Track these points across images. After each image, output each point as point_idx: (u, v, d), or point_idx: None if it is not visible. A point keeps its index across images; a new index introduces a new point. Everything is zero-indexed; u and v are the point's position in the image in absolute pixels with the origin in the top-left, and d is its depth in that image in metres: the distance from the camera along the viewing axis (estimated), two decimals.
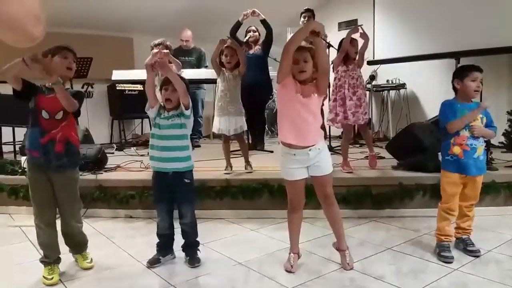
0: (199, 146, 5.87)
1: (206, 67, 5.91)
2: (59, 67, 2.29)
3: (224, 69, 3.80)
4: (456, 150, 2.53)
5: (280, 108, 2.46)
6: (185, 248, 2.60)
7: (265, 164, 4.16)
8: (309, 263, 2.52)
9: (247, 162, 3.91)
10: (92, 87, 5.96)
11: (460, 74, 2.60)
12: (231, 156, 3.99)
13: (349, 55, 3.96)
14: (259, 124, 5.51)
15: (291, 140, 2.34)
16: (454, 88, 2.64)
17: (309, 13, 5.29)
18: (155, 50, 4.09)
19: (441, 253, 2.52)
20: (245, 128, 3.89)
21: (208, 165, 3.94)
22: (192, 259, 2.54)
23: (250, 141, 5.39)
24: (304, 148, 2.32)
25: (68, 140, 2.34)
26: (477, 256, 2.54)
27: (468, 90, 2.55)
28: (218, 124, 3.82)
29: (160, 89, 2.55)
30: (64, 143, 2.31)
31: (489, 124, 2.61)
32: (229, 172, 3.78)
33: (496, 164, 3.71)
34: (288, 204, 2.48)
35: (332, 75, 4.02)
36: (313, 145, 2.33)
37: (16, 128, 4.83)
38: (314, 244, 2.76)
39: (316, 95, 2.33)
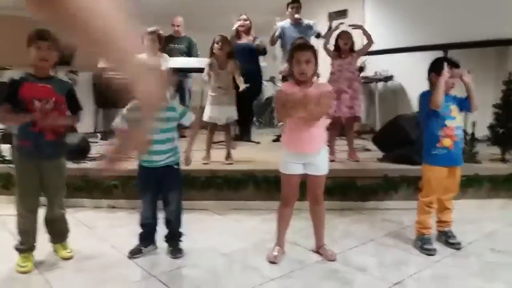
0: (184, 136, 5.81)
1: (198, 56, 5.84)
2: (33, 58, 2.24)
3: (217, 62, 3.75)
4: (447, 142, 2.51)
5: None
6: (168, 238, 2.57)
7: (252, 155, 4.15)
8: (292, 254, 2.51)
9: (229, 154, 3.88)
10: (76, 75, 5.84)
11: (437, 69, 2.57)
12: (212, 147, 3.96)
13: (340, 48, 3.94)
14: (247, 115, 5.48)
15: (293, 148, 2.36)
16: (430, 81, 2.62)
17: (297, 4, 5.24)
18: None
19: (424, 246, 2.53)
20: (236, 117, 3.87)
21: (193, 155, 3.88)
22: (175, 250, 2.52)
23: (238, 132, 5.37)
24: (305, 153, 2.34)
25: (58, 129, 2.33)
26: (458, 249, 2.56)
27: (445, 85, 2.53)
28: (210, 112, 3.79)
29: None
30: (54, 131, 2.31)
31: (464, 101, 2.57)
32: (208, 162, 3.75)
33: (480, 157, 3.73)
34: (280, 198, 2.47)
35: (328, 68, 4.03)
36: (314, 152, 2.34)
37: None
38: (297, 235, 2.75)
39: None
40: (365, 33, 3.97)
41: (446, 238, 2.62)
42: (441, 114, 2.52)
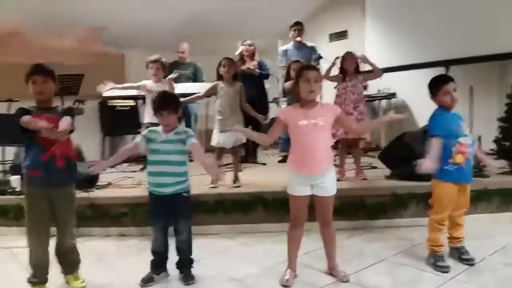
0: (191, 160, 5.83)
1: (203, 81, 5.91)
2: (32, 93, 2.31)
3: (223, 83, 3.80)
4: (459, 158, 2.50)
5: (290, 134, 2.44)
6: (179, 265, 2.56)
7: (259, 177, 4.15)
8: (305, 277, 2.49)
9: (236, 177, 3.89)
10: (83, 104, 5.92)
11: (431, 90, 2.60)
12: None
13: (346, 70, 3.98)
14: None
15: (299, 169, 2.36)
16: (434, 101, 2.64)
17: (299, 26, 5.33)
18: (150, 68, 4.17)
19: (437, 263, 2.51)
20: (244, 140, 3.87)
21: (201, 179, 3.90)
22: (187, 277, 2.50)
23: (243, 154, 5.38)
24: (312, 175, 2.34)
25: (67, 155, 2.37)
26: (472, 265, 2.54)
27: (444, 103, 2.55)
28: (217, 138, 3.81)
29: (155, 113, 2.49)
30: (64, 158, 2.34)
31: None
32: (215, 186, 3.76)
33: (488, 172, 3.71)
34: (290, 220, 2.46)
35: (333, 91, 4.08)
36: (320, 173, 2.34)
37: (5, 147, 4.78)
38: (309, 257, 2.73)
39: (323, 119, 2.33)
40: (372, 65, 4.01)
41: (459, 254, 2.60)
42: (455, 131, 2.52)
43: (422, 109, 2.71)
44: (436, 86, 2.57)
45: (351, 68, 3.99)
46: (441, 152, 2.55)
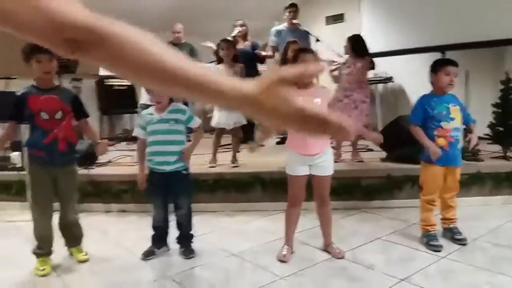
0: (189, 140, 5.86)
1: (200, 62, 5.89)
2: (36, 72, 2.30)
3: (223, 65, 3.82)
4: (442, 142, 2.58)
5: None
6: (179, 240, 2.63)
7: (257, 158, 4.18)
8: (301, 253, 2.57)
9: (235, 157, 3.94)
10: (80, 82, 5.91)
11: (434, 68, 2.65)
12: (218, 150, 4.03)
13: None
14: (251, 119, 5.54)
15: (298, 150, 2.42)
16: (431, 82, 2.70)
17: (294, 8, 5.30)
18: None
19: (430, 242, 2.59)
20: (244, 122, 3.91)
21: (199, 159, 3.95)
22: (187, 251, 2.58)
23: (241, 135, 5.42)
24: (310, 155, 2.40)
25: (69, 139, 2.40)
26: (464, 244, 2.62)
27: (441, 83, 2.60)
28: (218, 118, 3.85)
29: (147, 90, 2.55)
30: (66, 141, 2.37)
31: (466, 118, 2.68)
32: (214, 165, 3.81)
33: (482, 156, 3.79)
34: (288, 198, 2.53)
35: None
36: (319, 153, 2.40)
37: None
38: (306, 235, 2.81)
39: (320, 100, 2.39)
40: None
41: (452, 234, 2.68)
42: (436, 116, 2.59)
43: (418, 94, 2.76)
44: (440, 65, 2.62)
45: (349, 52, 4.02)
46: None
